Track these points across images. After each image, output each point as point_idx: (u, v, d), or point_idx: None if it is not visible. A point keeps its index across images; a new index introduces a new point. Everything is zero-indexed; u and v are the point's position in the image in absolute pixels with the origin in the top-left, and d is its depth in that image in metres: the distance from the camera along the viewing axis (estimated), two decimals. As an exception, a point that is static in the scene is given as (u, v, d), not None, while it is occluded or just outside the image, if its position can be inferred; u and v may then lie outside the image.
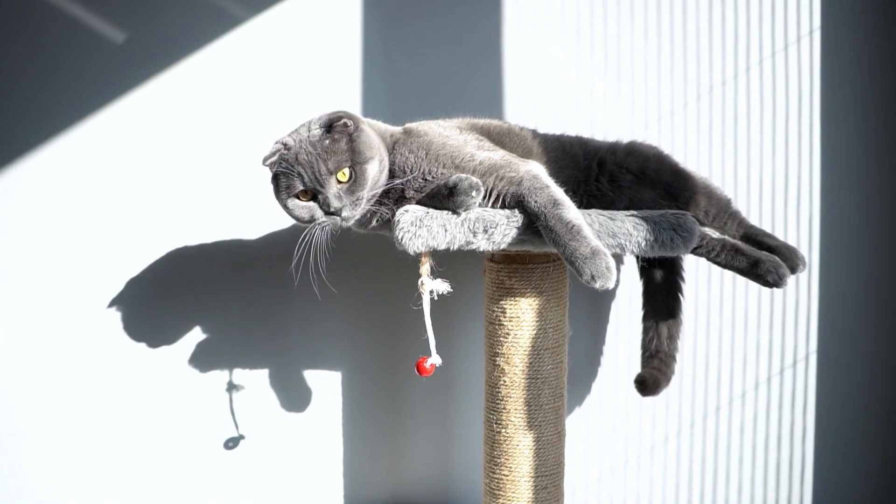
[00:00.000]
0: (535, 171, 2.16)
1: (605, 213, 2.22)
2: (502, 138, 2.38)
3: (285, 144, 2.11)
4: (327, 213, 2.12)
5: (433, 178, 2.18)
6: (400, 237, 2.14)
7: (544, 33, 2.85)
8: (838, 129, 2.86)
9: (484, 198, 2.16)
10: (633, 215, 2.22)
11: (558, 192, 2.11)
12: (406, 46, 2.86)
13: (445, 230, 2.14)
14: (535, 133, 2.49)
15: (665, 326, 2.62)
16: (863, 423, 2.97)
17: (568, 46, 2.85)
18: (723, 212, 2.44)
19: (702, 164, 2.86)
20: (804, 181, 2.87)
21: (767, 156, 2.87)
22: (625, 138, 2.59)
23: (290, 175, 2.08)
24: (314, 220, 2.12)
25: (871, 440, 2.97)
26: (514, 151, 2.33)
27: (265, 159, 2.11)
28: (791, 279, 2.37)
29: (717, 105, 2.85)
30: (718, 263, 2.41)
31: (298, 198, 2.12)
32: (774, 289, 2.50)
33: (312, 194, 2.11)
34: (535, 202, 2.08)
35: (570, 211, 2.07)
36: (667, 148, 2.71)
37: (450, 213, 2.15)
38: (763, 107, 2.86)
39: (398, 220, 2.14)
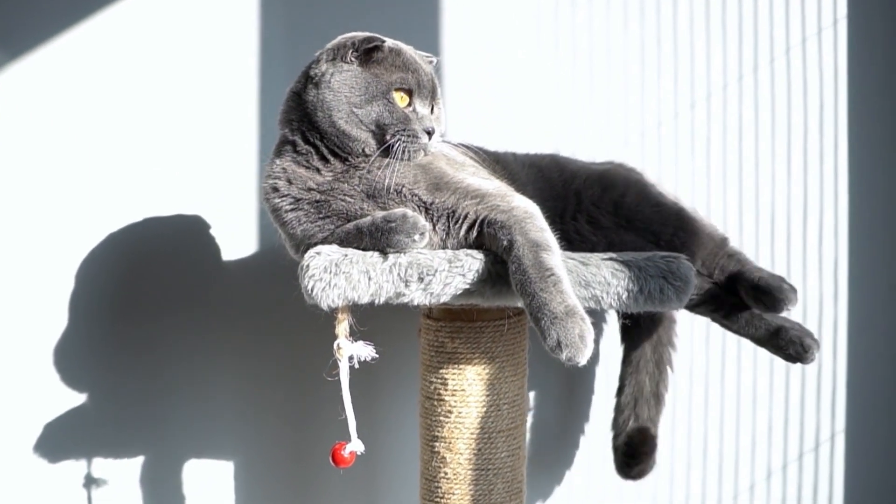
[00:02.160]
0: (531, 209, 2.17)
1: (577, 255, 2.19)
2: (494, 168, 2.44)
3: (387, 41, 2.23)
4: (421, 129, 2.22)
5: (407, 196, 2.21)
6: (310, 287, 2.09)
7: (493, 27, 2.87)
8: (870, 145, 2.89)
9: (455, 223, 2.18)
10: (611, 259, 2.19)
11: (550, 237, 2.11)
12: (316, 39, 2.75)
13: (369, 278, 2.10)
14: (497, 155, 2.52)
15: (646, 407, 2.62)
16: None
17: (527, 42, 2.86)
18: (715, 253, 2.42)
19: (697, 192, 2.88)
20: (827, 214, 2.89)
21: (781, 181, 2.90)
22: (604, 158, 2.55)
23: (399, 69, 2.23)
24: (404, 128, 2.20)
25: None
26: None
27: (366, 40, 2.20)
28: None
29: (716, 116, 2.87)
30: (728, 328, 2.35)
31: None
32: (798, 364, 2.44)
33: (408, 103, 2.24)
34: (518, 237, 2.08)
35: (554, 257, 2.06)
36: (652, 171, 2.66)
37: (376, 255, 2.12)
38: (775, 117, 2.88)
39: (307, 266, 2.10)
